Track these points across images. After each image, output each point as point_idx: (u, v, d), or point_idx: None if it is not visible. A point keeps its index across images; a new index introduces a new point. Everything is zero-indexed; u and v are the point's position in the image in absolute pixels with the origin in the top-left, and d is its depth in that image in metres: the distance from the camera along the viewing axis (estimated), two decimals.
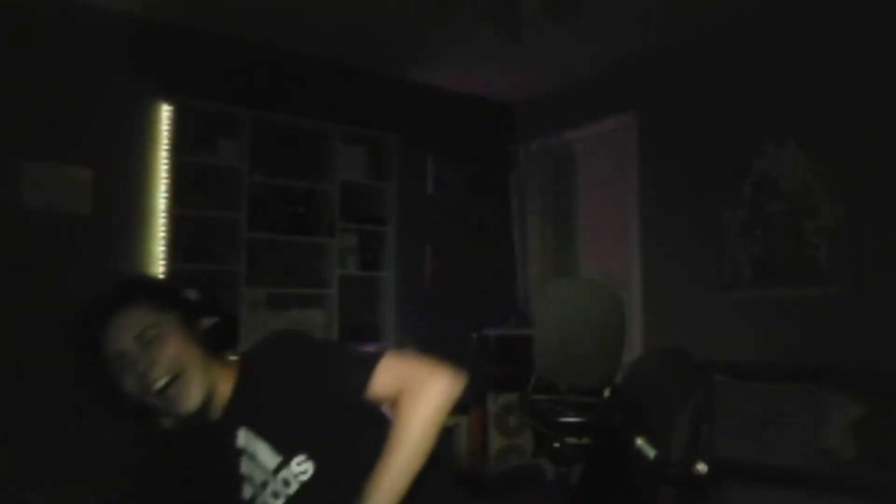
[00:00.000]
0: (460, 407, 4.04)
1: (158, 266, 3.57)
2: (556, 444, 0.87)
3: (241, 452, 1.20)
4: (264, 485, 1.18)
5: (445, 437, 4.10)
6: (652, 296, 4.07)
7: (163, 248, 3.57)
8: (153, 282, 1.28)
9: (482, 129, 4.94)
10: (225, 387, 1.23)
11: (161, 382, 1.13)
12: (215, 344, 1.23)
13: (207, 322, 1.23)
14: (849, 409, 2.86)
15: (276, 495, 1.17)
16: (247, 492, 1.20)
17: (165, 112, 3.64)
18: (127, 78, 3.60)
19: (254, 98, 3.88)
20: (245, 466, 1.19)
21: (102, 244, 3.49)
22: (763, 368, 3.29)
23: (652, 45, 4.03)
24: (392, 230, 4.31)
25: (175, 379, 1.14)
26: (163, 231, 3.58)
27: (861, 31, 3.19)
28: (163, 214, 3.59)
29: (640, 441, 0.85)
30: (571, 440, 0.88)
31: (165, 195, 3.60)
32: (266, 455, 1.17)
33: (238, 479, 1.20)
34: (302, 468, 1.16)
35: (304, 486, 1.15)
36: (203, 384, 1.17)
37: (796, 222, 3.39)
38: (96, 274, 3.44)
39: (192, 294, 1.27)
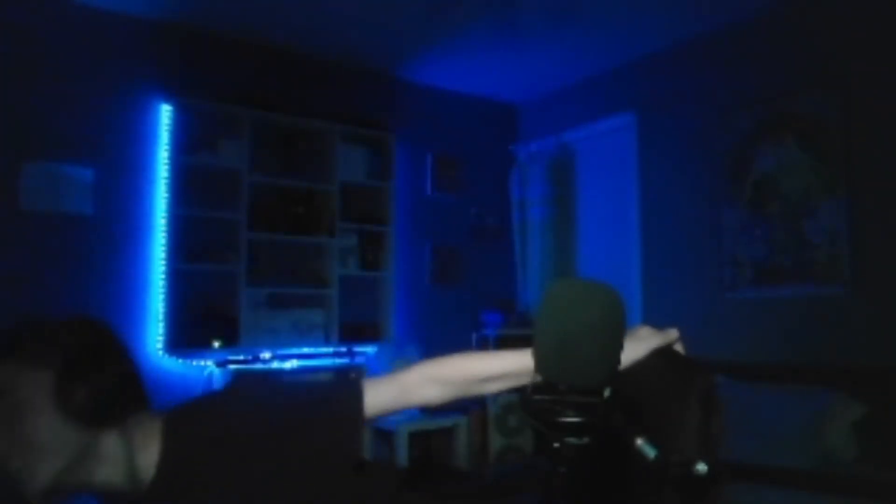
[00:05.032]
0: (460, 407, 4.05)
1: (159, 266, 3.58)
2: (556, 444, 0.87)
3: None
4: None
5: (445, 437, 4.11)
6: (652, 296, 4.08)
7: (163, 248, 3.57)
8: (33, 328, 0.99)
9: (482, 129, 4.95)
10: (146, 456, 1.01)
11: (14, 467, 0.93)
12: (104, 410, 0.96)
13: (98, 380, 0.96)
14: (849, 409, 2.86)
15: None
16: None
17: (166, 112, 3.65)
18: (127, 78, 3.61)
19: (254, 98, 3.88)
20: None
21: (103, 245, 3.49)
22: (763, 368, 3.29)
23: (652, 45, 4.03)
24: (392, 230, 4.31)
25: (25, 464, 0.93)
26: (163, 231, 3.59)
27: (861, 30, 3.20)
28: (163, 214, 3.60)
29: (640, 441, 0.85)
30: (571, 440, 0.87)
31: (166, 195, 3.60)
32: None
33: None
34: None
35: None
36: (54, 470, 0.94)
37: (796, 222, 3.40)
38: (97, 275, 3.45)
39: (73, 341, 0.98)
